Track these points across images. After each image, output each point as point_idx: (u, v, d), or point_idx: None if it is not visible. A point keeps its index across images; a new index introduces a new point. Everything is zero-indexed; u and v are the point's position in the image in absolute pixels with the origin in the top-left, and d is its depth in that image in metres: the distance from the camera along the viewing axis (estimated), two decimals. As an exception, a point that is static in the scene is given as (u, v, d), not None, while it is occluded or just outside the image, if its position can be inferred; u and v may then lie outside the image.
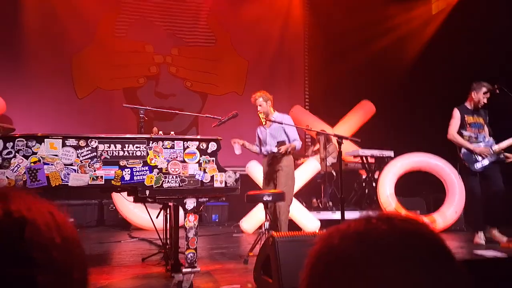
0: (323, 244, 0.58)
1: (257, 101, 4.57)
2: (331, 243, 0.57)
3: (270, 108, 4.61)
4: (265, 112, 4.58)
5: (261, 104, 4.56)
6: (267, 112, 4.59)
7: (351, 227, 0.57)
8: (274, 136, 4.61)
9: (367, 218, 0.58)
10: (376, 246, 0.54)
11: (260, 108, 4.58)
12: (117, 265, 3.91)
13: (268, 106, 4.58)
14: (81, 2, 7.71)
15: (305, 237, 2.75)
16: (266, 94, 4.61)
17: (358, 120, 8.24)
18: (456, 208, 6.01)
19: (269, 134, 4.64)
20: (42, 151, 2.67)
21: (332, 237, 0.58)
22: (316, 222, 5.89)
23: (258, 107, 4.58)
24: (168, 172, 2.85)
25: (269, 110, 4.61)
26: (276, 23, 8.84)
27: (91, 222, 6.86)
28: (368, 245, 0.54)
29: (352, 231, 0.56)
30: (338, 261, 0.55)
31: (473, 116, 4.89)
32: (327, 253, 0.56)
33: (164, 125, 6.88)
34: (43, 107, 7.36)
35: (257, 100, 4.57)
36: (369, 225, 0.57)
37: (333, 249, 0.56)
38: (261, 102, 4.56)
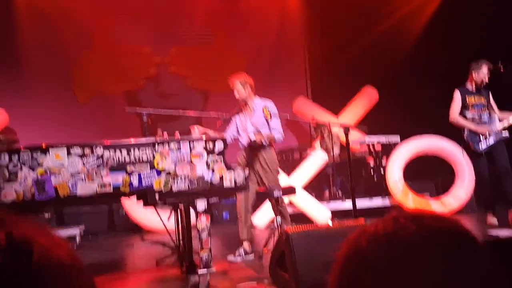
0: (350, 248, 0.57)
1: (234, 85, 4.17)
2: (359, 247, 0.55)
3: (249, 94, 4.19)
4: (243, 98, 4.17)
5: (238, 89, 4.14)
6: (245, 98, 4.16)
7: (379, 228, 0.55)
8: (256, 126, 4.12)
9: (394, 218, 0.56)
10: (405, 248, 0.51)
11: (236, 93, 4.16)
12: (132, 270, 3.91)
13: (246, 91, 4.15)
14: (76, 9, 7.66)
15: (319, 230, 2.73)
16: (245, 77, 4.19)
17: (362, 107, 8.18)
18: (466, 189, 5.97)
19: (250, 123, 4.17)
20: (48, 162, 2.65)
21: (359, 240, 0.56)
22: (327, 212, 5.86)
23: (234, 91, 4.17)
24: (176, 175, 2.82)
25: (248, 95, 4.17)
26: (273, 16, 8.76)
27: (102, 228, 6.85)
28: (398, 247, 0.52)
29: (381, 233, 0.54)
30: (367, 265, 0.53)
31: (474, 96, 4.83)
32: (355, 257, 0.55)
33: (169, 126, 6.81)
34: (45, 116, 7.35)
35: (234, 84, 4.17)
36: (398, 225, 0.54)
37: (361, 252, 0.54)
38: (238, 87, 4.14)
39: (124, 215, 6.72)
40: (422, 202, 6.07)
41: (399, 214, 0.56)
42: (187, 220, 3.36)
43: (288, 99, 8.28)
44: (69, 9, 7.63)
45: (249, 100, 4.18)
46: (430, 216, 0.55)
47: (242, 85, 4.13)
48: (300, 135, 8.61)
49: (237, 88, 4.13)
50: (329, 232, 2.68)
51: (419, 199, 6.10)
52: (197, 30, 8.56)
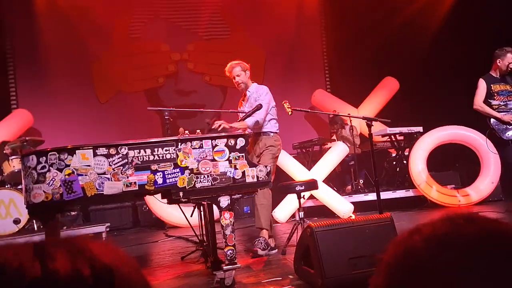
0: (402, 249, 0.54)
1: (234, 71, 4.04)
2: (413, 247, 0.53)
3: (248, 80, 4.10)
4: (244, 83, 4.06)
5: (239, 74, 4.03)
6: (246, 83, 4.07)
7: (437, 228, 0.53)
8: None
9: (451, 219, 0.54)
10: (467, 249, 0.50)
11: (238, 79, 4.04)
12: (158, 266, 3.97)
13: (247, 77, 4.07)
14: (94, 9, 7.77)
15: (344, 224, 2.71)
16: (243, 63, 4.10)
17: (382, 98, 8.08)
18: (492, 178, 5.85)
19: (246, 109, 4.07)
20: (75, 162, 2.70)
21: (413, 240, 0.53)
22: (349, 205, 5.82)
23: (235, 77, 4.05)
24: (199, 172, 2.85)
25: (248, 81, 4.09)
26: (290, 9, 8.69)
27: (127, 224, 6.99)
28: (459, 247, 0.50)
29: (439, 233, 0.52)
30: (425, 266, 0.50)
31: (500, 84, 4.75)
32: (409, 258, 0.52)
33: (188, 123, 6.90)
34: (68, 116, 7.51)
35: (234, 69, 4.04)
36: (456, 226, 0.53)
37: (418, 253, 0.52)
38: (238, 71, 4.03)
39: (147, 211, 6.83)
40: (447, 193, 5.97)
41: (455, 215, 0.55)
42: (211, 216, 3.40)
43: (307, 92, 8.24)
44: (88, 10, 7.75)
45: (248, 85, 4.11)
46: (486, 218, 0.54)
47: (243, 70, 4.05)
48: (320, 128, 8.57)
49: (238, 73, 4.04)
50: (354, 227, 2.66)
51: (444, 190, 6.00)
52: (214, 25, 8.57)
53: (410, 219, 5.15)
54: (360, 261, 2.55)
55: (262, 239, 3.82)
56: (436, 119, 6.47)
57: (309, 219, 5.16)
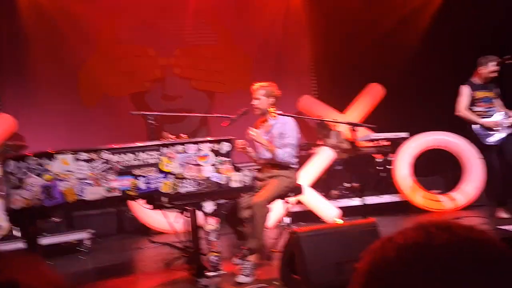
0: (375, 259, 0.53)
1: (256, 92, 3.64)
2: (386, 256, 0.52)
3: (270, 107, 3.63)
4: (261, 110, 3.63)
5: (259, 98, 3.61)
6: (263, 111, 3.64)
7: (408, 238, 0.52)
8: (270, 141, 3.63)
9: (424, 227, 0.54)
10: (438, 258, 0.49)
11: (255, 102, 3.61)
12: (142, 273, 3.91)
13: (267, 103, 3.62)
14: (81, 13, 7.67)
15: (329, 230, 2.70)
16: (273, 88, 3.66)
17: (368, 104, 8.12)
18: (476, 183, 5.91)
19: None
20: (55, 168, 2.65)
21: (385, 250, 0.53)
22: (334, 210, 5.82)
23: (254, 100, 3.64)
24: (183, 177, 2.81)
25: (267, 108, 3.63)
26: (277, 15, 8.71)
27: (111, 230, 6.87)
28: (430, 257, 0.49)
29: (411, 242, 0.52)
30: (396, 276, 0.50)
31: (482, 91, 4.83)
32: (382, 268, 0.52)
33: (174, 128, 6.84)
34: (52, 121, 7.37)
35: (257, 91, 3.63)
36: (429, 235, 0.52)
37: (389, 263, 0.51)
38: (260, 95, 3.61)
39: (132, 217, 6.73)
40: (431, 198, 6.01)
41: (428, 223, 0.54)
42: (195, 222, 3.35)
43: (293, 97, 8.25)
44: (74, 14, 7.65)
45: (267, 114, 3.66)
46: (459, 226, 0.54)
47: (266, 96, 3.61)
48: (306, 133, 8.57)
49: (258, 97, 3.62)
50: (339, 232, 2.66)
51: (429, 195, 6.04)
52: (201, 31, 8.54)
53: (395, 224, 5.16)
54: (345, 266, 2.54)
55: (248, 264, 3.23)
56: (421, 124, 6.53)
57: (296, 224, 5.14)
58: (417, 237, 0.52)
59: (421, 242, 0.51)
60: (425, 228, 0.53)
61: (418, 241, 0.51)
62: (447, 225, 0.53)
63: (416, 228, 0.54)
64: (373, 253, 0.54)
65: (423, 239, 0.51)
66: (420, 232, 0.52)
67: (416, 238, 0.52)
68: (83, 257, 5.09)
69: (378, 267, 0.52)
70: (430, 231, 0.52)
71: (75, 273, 4.14)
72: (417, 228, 0.54)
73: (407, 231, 0.54)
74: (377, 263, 0.52)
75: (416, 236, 0.52)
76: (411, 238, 0.52)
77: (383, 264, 0.52)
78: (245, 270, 3.15)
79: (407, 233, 0.53)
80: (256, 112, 3.67)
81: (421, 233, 0.52)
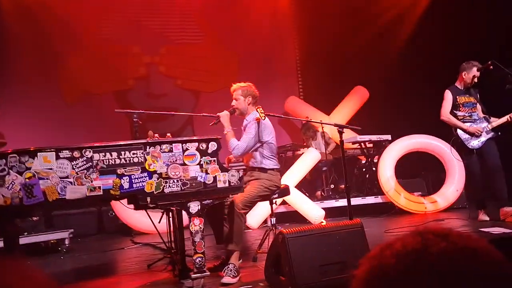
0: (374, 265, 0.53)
1: (234, 93, 3.68)
2: (385, 263, 0.52)
3: (249, 107, 3.66)
4: (240, 110, 3.65)
5: (237, 98, 3.65)
6: (242, 111, 3.66)
7: (407, 245, 0.52)
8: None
9: (422, 234, 0.54)
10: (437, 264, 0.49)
11: (234, 102, 3.65)
12: (123, 274, 3.83)
13: (246, 103, 3.64)
14: (64, 8, 7.52)
15: (315, 231, 2.68)
16: (249, 88, 3.68)
17: (353, 106, 8.19)
18: (457, 186, 6.01)
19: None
20: (36, 165, 2.56)
21: (385, 256, 0.52)
22: (320, 211, 5.84)
23: (233, 101, 3.68)
24: (168, 177, 2.76)
25: (246, 108, 3.66)
26: (264, 16, 8.71)
27: (91, 230, 6.75)
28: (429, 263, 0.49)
29: (409, 249, 0.51)
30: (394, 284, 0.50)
31: (464, 96, 4.91)
32: (382, 275, 0.51)
33: (158, 126, 6.76)
34: (33, 118, 7.22)
35: (235, 92, 3.68)
36: (427, 241, 0.52)
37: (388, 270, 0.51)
38: (238, 95, 3.65)
39: (113, 217, 6.63)
40: (414, 200, 6.08)
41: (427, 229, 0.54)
42: (180, 222, 3.31)
43: (280, 98, 8.27)
44: (57, 9, 7.50)
45: (246, 114, 3.69)
46: (457, 234, 0.54)
47: (244, 95, 3.64)
48: (293, 133, 8.59)
49: (236, 97, 3.66)
50: (326, 233, 2.64)
51: (411, 197, 6.11)
52: (187, 29, 8.48)
53: (379, 225, 5.21)
54: (331, 268, 2.53)
55: (232, 266, 3.19)
56: (404, 127, 6.61)
57: (280, 224, 5.13)
58: (415, 244, 0.52)
59: (419, 249, 0.51)
60: (423, 235, 0.53)
61: (416, 247, 0.52)
62: (445, 233, 0.53)
63: (414, 235, 0.54)
64: (372, 260, 0.54)
65: (421, 246, 0.52)
66: (418, 239, 0.53)
67: (414, 245, 0.52)
68: (62, 257, 4.98)
69: (377, 275, 0.52)
70: (428, 238, 0.52)
71: (54, 274, 4.04)
72: (415, 235, 0.54)
73: (406, 238, 0.54)
74: (376, 270, 0.52)
75: (415, 243, 0.52)
76: (410, 245, 0.52)
77: (381, 271, 0.52)
78: (230, 272, 3.12)
79: (405, 240, 0.54)
80: (236, 113, 3.67)
81: (419, 240, 0.53)
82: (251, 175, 3.61)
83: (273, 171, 3.62)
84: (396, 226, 4.92)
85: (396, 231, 4.62)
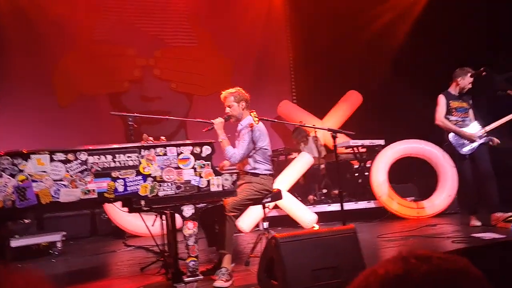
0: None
1: (227, 100, 3.64)
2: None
3: (243, 112, 3.65)
4: (235, 116, 3.64)
5: (231, 104, 3.61)
6: (238, 117, 3.65)
7: (390, 270, 0.53)
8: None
9: (404, 258, 0.54)
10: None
11: (228, 110, 3.62)
12: (116, 277, 3.82)
13: (240, 109, 3.63)
14: (58, 10, 7.49)
15: (308, 236, 2.70)
16: (240, 93, 3.66)
17: (346, 111, 8.24)
18: (449, 192, 6.05)
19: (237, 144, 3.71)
20: (29, 168, 2.56)
21: (369, 283, 0.54)
22: (312, 215, 5.85)
23: (226, 108, 3.64)
24: (163, 180, 2.77)
25: (241, 114, 3.64)
26: (258, 19, 8.75)
27: (84, 232, 6.71)
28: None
29: (391, 275, 0.53)
30: None
31: (458, 101, 4.95)
32: None
33: (152, 129, 6.75)
34: (27, 120, 7.16)
35: (227, 99, 3.63)
36: (408, 266, 0.53)
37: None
38: (231, 102, 3.62)
39: (106, 219, 6.60)
40: (407, 205, 6.12)
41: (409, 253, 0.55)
42: (173, 226, 3.31)
43: (273, 102, 8.30)
44: (52, 11, 7.46)
45: (242, 119, 3.67)
46: (439, 256, 0.55)
47: (236, 101, 3.62)
48: (286, 137, 8.62)
49: (230, 104, 3.62)
50: (319, 238, 2.66)
51: (404, 202, 6.15)
52: (182, 33, 8.49)
53: (371, 230, 5.23)
54: (324, 273, 2.54)
55: (224, 269, 3.18)
56: (397, 132, 6.65)
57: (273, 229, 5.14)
58: (397, 270, 0.53)
59: (401, 275, 0.52)
60: (405, 260, 0.54)
61: (398, 273, 0.52)
62: (426, 256, 0.54)
63: (396, 260, 0.55)
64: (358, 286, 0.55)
65: (403, 272, 0.52)
66: (400, 264, 0.53)
67: (396, 271, 0.53)
68: (54, 260, 4.95)
69: None
70: (409, 263, 0.53)
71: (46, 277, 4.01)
72: (397, 260, 0.55)
73: (388, 263, 0.55)
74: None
75: (397, 268, 0.53)
76: (392, 270, 0.53)
77: None
78: (222, 275, 3.12)
79: (388, 266, 0.54)
80: (231, 120, 3.66)
81: (401, 265, 0.53)
82: (243, 179, 3.62)
83: (265, 176, 3.62)
84: (388, 231, 4.95)
85: (388, 236, 4.64)
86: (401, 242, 4.34)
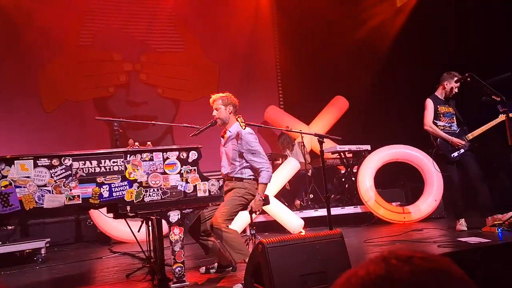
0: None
1: (215, 103, 3.66)
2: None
3: (230, 116, 3.65)
4: (221, 119, 3.63)
5: (218, 107, 3.62)
6: (224, 120, 3.64)
7: (371, 272, 0.53)
8: (228, 156, 3.63)
9: (385, 259, 0.55)
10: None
11: (215, 113, 3.63)
12: (101, 284, 3.76)
13: (227, 113, 3.63)
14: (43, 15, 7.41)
15: (294, 240, 2.70)
16: (229, 98, 3.67)
17: (332, 116, 8.29)
18: (436, 196, 6.10)
19: (224, 152, 3.71)
20: (13, 173, 2.52)
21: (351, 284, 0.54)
22: (299, 220, 5.86)
23: (214, 111, 3.65)
24: (148, 185, 2.75)
25: (228, 117, 3.64)
26: (245, 25, 8.78)
27: (69, 239, 6.62)
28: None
29: (373, 276, 0.53)
30: None
31: (445, 105, 4.98)
32: None
33: (138, 135, 6.72)
34: (11, 126, 7.06)
35: (215, 102, 3.65)
36: (390, 267, 0.53)
37: None
38: (218, 105, 3.63)
39: (91, 226, 6.52)
40: (393, 210, 6.16)
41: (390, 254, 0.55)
42: (160, 232, 3.28)
43: (260, 107, 8.32)
44: (35, 15, 7.39)
45: (228, 124, 3.67)
46: (420, 256, 0.55)
47: (224, 105, 3.63)
48: (272, 143, 8.64)
49: (217, 107, 3.63)
50: (305, 243, 2.66)
51: (390, 207, 6.19)
52: (168, 38, 8.48)
53: (358, 235, 5.25)
54: (311, 277, 2.54)
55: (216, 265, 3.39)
56: (383, 138, 6.70)
57: (260, 234, 5.13)
58: (379, 271, 0.53)
59: (383, 275, 0.52)
60: (386, 260, 0.54)
61: (380, 274, 0.52)
62: (408, 257, 0.54)
63: (378, 261, 0.55)
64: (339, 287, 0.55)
65: (385, 272, 0.52)
66: (382, 265, 0.53)
67: (378, 271, 0.53)
68: (38, 267, 4.86)
69: None
70: (391, 263, 0.53)
71: (30, 285, 3.95)
72: (379, 261, 0.55)
73: (370, 264, 0.55)
74: None
75: (379, 269, 0.53)
76: (374, 272, 0.53)
77: None
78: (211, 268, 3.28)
79: (369, 267, 0.54)
80: (218, 123, 3.65)
81: (383, 266, 0.53)
82: (227, 185, 3.60)
83: (250, 180, 3.61)
84: (375, 236, 4.97)
85: (375, 241, 4.67)
86: (388, 247, 4.37)
